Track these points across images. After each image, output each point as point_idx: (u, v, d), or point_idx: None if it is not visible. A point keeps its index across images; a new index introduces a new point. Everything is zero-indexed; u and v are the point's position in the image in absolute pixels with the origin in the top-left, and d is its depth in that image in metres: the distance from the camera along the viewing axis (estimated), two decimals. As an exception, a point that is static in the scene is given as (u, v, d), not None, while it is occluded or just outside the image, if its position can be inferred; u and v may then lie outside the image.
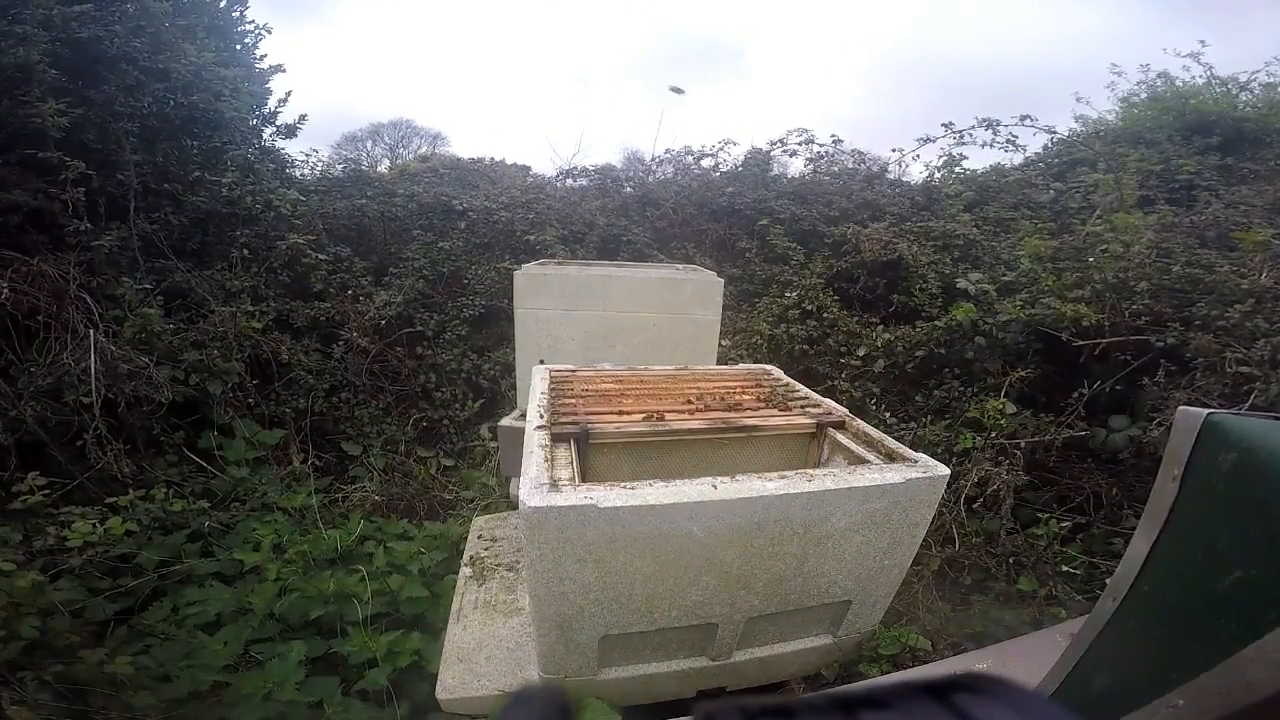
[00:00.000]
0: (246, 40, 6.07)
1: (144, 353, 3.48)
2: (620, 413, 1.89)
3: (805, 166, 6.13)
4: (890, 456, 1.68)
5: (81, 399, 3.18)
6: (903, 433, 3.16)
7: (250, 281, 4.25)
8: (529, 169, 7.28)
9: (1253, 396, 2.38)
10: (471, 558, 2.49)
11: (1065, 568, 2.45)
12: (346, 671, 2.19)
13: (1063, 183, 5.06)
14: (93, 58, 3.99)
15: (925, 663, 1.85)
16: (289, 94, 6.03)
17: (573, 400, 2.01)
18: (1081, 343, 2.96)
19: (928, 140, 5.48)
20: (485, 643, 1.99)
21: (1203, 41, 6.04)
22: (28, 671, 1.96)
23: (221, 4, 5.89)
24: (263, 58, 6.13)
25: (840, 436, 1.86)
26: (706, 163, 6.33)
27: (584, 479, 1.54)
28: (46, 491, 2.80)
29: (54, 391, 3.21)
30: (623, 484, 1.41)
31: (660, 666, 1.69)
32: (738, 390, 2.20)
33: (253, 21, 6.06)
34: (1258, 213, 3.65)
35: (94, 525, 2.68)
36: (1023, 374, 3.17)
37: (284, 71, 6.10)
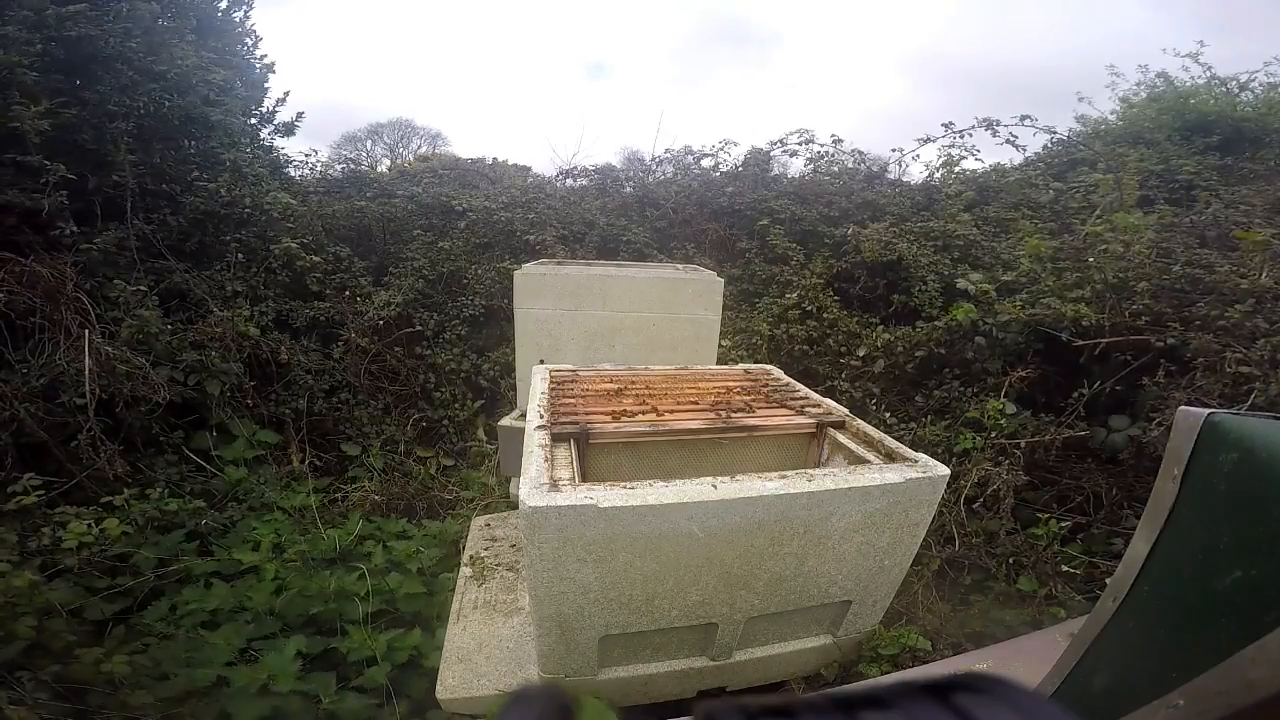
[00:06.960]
0: (247, 41, 6.07)
1: (142, 353, 3.47)
2: (620, 413, 1.88)
3: (805, 166, 6.14)
4: (890, 456, 1.67)
5: (76, 399, 3.17)
6: (903, 433, 3.16)
7: (249, 282, 4.24)
8: (529, 169, 7.30)
9: (1253, 396, 2.38)
10: (471, 557, 2.48)
11: (1065, 568, 2.45)
12: (346, 670, 2.19)
13: (1063, 183, 5.05)
14: (87, 57, 3.97)
15: (925, 663, 1.85)
16: (287, 94, 6.05)
17: (573, 400, 2.00)
18: (1081, 343, 2.96)
19: (927, 140, 5.48)
20: (485, 643, 1.98)
21: (1201, 41, 6.05)
22: (25, 671, 1.95)
23: (223, 5, 5.89)
24: (262, 58, 6.14)
25: (840, 436, 1.86)
26: (706, 163, 6.33)
27: (584, 479, 1.53)
28: (41, 492, 2.79)
29: (48, 392, 3.20)
30: (623, 484, 1.41)
31: (660, 666, 1.69)
32: (738, 390, 2.19)
33: (242, 25, 6.06)
34: (1258, 213, 3.65)
35: (89, 525, 2.68)
36: (1023, 374, 3.17)
37: (274, 73, 6.12)
